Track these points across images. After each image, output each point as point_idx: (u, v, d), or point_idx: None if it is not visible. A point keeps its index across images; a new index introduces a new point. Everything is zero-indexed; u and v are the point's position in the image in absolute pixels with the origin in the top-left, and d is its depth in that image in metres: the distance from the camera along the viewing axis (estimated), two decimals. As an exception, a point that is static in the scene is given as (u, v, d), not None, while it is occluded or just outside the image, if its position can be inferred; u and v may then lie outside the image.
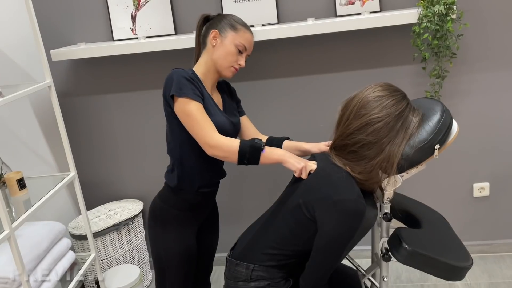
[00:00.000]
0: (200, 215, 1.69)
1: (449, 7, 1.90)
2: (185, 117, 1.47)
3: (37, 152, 2.27)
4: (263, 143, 1.46)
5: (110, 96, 2.39)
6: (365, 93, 1.33)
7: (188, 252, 1.64)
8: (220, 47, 1.58)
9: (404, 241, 1.35)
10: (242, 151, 1.43)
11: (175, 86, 1.46)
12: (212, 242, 1.84)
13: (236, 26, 1.59)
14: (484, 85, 2.19)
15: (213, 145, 1.44)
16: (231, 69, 1.61)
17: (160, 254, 1.63)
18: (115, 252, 2.33)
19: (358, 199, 1.25)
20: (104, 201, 2.56)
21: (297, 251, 1.38)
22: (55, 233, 1.90)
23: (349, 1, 2.11)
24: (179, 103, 1.46)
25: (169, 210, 1.61)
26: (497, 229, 2.43)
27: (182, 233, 1.62)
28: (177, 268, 1.63)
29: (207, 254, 1.84)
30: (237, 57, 1.60)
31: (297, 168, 1.40)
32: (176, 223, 1.61)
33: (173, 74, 1.50)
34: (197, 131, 1.46)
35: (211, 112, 1.52)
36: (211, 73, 1.62)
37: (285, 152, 1.46)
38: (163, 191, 1.66)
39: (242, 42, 1.59)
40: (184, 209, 1.61)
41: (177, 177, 1.58)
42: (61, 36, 2.31)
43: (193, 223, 1.66)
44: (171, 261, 1.62)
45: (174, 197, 1.61)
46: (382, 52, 2.19)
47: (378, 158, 1.30)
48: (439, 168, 2.34)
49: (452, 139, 1.33)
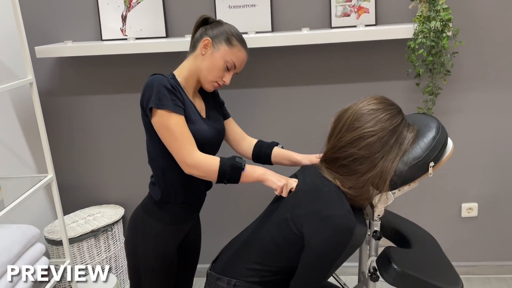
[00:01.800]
0: (184, 228, 1.60)
1: (445, 24, 1.88)
2: (163, 131, 1.38)
3: (15, 152, 2.18)
4: (244, 161, 1.40)
5: (95, 97, 2.32)
6: (360, 105, 1.29)
7: (168, 267, 1.55)
8: (209, 58, 1.47)
9: (393, 261, 1.31)
10: (222, 171, 1.37)
11: (154, 97, 1.36)
12: (194, 257, 1.75)
13: (232, 41, 1.47)
14: (477, 104, 2.18)
15: (190, 164, 1.37)
16: (214, 84, 1.50)
17: (138, 267, 1.54)
18: (92, 260, 2.24)
19: (348, 215, 1.20)
20: (84, 205, 2.47)
21: (282, 267, 1.32)
22: (28, 237, 1.81)
23: (345, 13, 2.09)
24: (158, 116, 1.37)
25: (151, 223, 1.51)
26: (484, 251, 2.40)
27: (163, 248, 1.53)
28: (155, 283, 1.54)
29: (188, 269, 1.74)
30: (223, 73, 1.49)
31: (278, 186, 1.37)
32: (158, 237, 1.52)
33: (152, 82, 1.38)
34: (175, 147, 1.38)
35: (193, 120, 1.44)
36: (193, 80, 1.52)
37: (265, 170, 1.42)
38: (147, 202, 1.56)
39: (233, 60, 1.48)
40: (168, 223, 1.52)
41: (161, 191, 1.49)
42: (49, 34, 2.24)
43: (175, 237, 1.57)
44: (149, 275, 1.53)
45: (158, 210, 1.52)
46: (376, 66, 2.17)
47: (370, 174, 1.26)
48: (428, 186, 2.31)
49: (447, 157, 1.30)
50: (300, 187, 1.34)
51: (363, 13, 2.08)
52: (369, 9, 2.07)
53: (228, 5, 2.11)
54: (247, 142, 1.70)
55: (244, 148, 1.69)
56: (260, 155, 1.67)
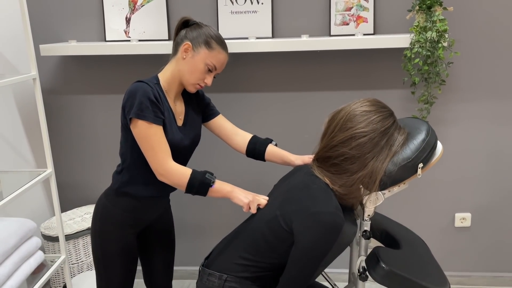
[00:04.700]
0: (143, 218, 1.63)
1: (441, 34, 1.93)
2: (140, 140, 1.44)
3: (16, 147, 2.21)
4: (214, 178, 1.45)
5: (96, 97, 2.36)
6: (353, 106, 1.33)
7: (127, 252, 1.59)
8: (189, 61, 1.50)
9: (382, 260, 1.32)
10: (190, 185, 1.43)
11: (136, 108, 1.40)
12: (167, 247, 1.77)
13: (211, 44, 1.49)
14: (471, 114, 2.21)
15: (162, 174, 1.44)
16: (196, 85, 1.54)
17: (97, 251, 1.60)
18: (87, 257, 2.26)
19: (336, 212, 1.22)
20: (82, 203, 2.49)
21: (272, 263, 1.34)
22: (25, 230, 1.84)
23: (344, 22, 2.14)
24: (138, 125, 1.42)
25: (110, 208, 1.57)
26: (476, 261, 2.41)
27: (119, 232, 1.58)
28: (114, 267, 1.60)
29: (162, 272, 1.77)
30: (204, 75, 1.52)
31: (244, 203, 1.42)
32: (114, 222, 1.57)
33: (136, 91, 1.42)
34: (150, 156, 1.44)
35: (168, 130, 1.48)
36: (176, 83, 1.55)
37: (233, 188, 1.47)
38: (109, 189, 1.62)
39: (213, 62, 1.50)
40: (124, 210, 1.57)
41: (121, 182, 1.55)
42: (54, 33, 2.29)
43: (133, 224, 1.60)
44: (109, 259, 1.59)
45: (116, 197, 1.57)
46: (372, 74, 2.21)
47: (360, 173, 1.28)
48: (422, 196, 2.34)
49: (436, 159, 1.33)
50: (290, 185, 1.37)
51: (362, 22, 2.13)
52: (367, 19, 2.12)
53: (230, 11, 2.16)
54: (241, 136, 1.72)
55: (238, 143, 1.72)
56: (254, 152, 1.70)
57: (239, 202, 1.43)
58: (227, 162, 2.36)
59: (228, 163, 2.36)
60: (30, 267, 1.84)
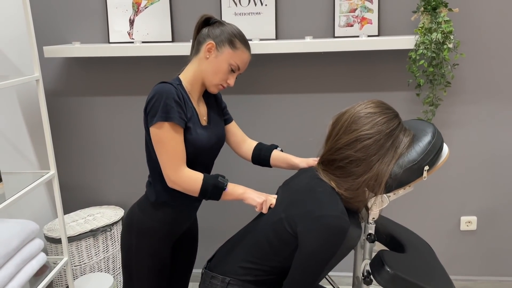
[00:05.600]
0: (179, 229, 1.60)
1: (446, 36, 1.91)
2: (156, 142, 1.40)
3: (19, 148, 2.21)
4: (226, 181, 1.43)
5: (99, 98, 2.35)
6: (357, 108, 1.31)
7: (161, 267, 1.56)
8: (213, 61, 1.46)
9: (386, 264, 1.31)
10: (203, 190, 1.41)
11: (162, 111, 1.35)
12: (189, 257, 1.75)
13: (235, 44, 1.45)
14: (477, 117, 2.19)
15: (173, 181, 1.41)
16: (219, 86, 1.51)
17: (131, 265, 1.55)
18: (89, 259, 2.25)
19: (342, 216, 1.21)
20: (84, 205, 2.49)
21: (276, 267, 1.33)
22: (28, 232, 1.83)
23: (348, 24, 2.12)
24: (159, 127, 1.37)
25: (146, 222, 1.52)
26: (482, 265, 2.39)
27: (157, 246, 1.54)
28: (147, 281, 1.55)
29: (183, 270, 1.75)
30: (227, 76, 1.49)
31: (258, 202, 1.41)
32: (152, 235, 1.53)
33: (162, 94, 1.37)
34: (163, 160, 1.40)
35: (192, 131, 1.44)
36: (199, 84, 1.52)
37: (246, 189, 1.46)
38: (143, 201, 1.57)
39: (237, 63, 1.47)
40: (162, 223, 1.53)
41: (156, 192, 1.50)
42: (58, 35, 2.29)
43: (170, 236, 1.57)
44: (142, 273, 1.54)
45: (153, 210, 1.53)
46: (377, 76, 2.19)
47: (366, 176, 1.27)
48: (427, 199, 2.32)
49: (442, 162, 1.31)
50: (295, 188, 1.36)
51: (366, 23, 2.11)
52: (372, 20, 2.11)
53: (234, 12, 2.16)
54: (247, 144, 1.71)
55: (244, 151, 1.71)
56: (260, 158, 1.68)
57: (252, 202, 1.42)
58: (232, 166, 2.35)
59: (233, 167, 2.35)
60: (32, 269, 1.83)
